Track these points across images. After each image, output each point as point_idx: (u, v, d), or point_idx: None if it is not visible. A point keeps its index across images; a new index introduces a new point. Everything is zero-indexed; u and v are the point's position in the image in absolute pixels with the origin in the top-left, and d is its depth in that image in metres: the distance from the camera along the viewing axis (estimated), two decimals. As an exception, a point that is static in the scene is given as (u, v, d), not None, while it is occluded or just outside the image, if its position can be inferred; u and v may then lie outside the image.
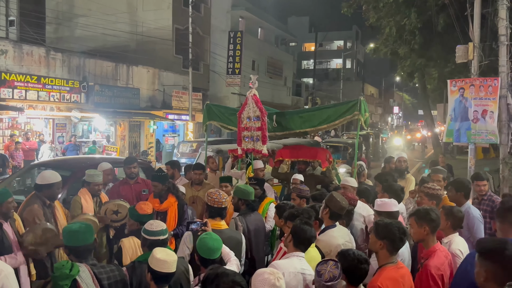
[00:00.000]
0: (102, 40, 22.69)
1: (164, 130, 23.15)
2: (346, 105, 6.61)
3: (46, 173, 4.76)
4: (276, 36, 39.57)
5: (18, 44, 16.09)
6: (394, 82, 68.42)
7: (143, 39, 23.44)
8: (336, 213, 4.06)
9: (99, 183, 5.28)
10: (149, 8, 24.04)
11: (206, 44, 27.01)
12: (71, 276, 2.75)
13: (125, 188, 5.81)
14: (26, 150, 14.22)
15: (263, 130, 6.37)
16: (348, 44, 64.49)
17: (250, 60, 30.28)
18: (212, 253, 3.08)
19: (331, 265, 2.82)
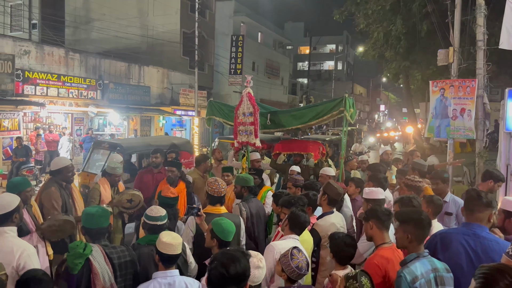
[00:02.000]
0: (116, 42, 22.60)
1: (172, 124, 23.13)
2: (333, 102, 6.65)
3: (56, 159, 4.74)
4: (274, 39, 39.45)
5: (40, 45, 16.01)
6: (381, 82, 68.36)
7: (153, 42, 23.36)
8: (333, 199, 4.11)
9: (118, 174, 5.29)
10: (159, 13, 23.93)
11: (210, 47, 26.93)
12: (84, 255, 2.76)
13: (148, 176, 5.83)
14: (50, 141, 14.23)
15: (255, 125, 6.41)
16: (340, 47, 64.38)
17: (250, 62, 30.23)
18: (229, 234, 3.07)
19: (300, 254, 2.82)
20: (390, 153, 7.67)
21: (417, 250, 2.69)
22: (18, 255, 2.83)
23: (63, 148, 14.48)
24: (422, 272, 2.57)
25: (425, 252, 2.70)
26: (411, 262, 2.62)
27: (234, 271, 1.97)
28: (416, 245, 2.70)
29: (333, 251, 3.21)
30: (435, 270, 2.64)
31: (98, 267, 2.82)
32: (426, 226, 2.74)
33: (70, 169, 4.59)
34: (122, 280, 2.99)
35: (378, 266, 2.90)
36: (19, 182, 3.83)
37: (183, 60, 24.33)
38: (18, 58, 14.16)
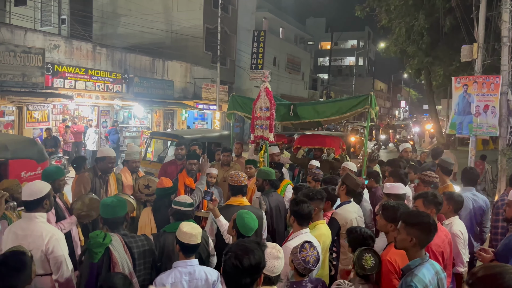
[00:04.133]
0: (141, 37, 22.84)
1: (194, 118, 23.30)
2: (357, 99, 6.56)
3: (104, 148, 4.92)
4: (296, 35, 39.19)
5: (68, 40, 16.32)
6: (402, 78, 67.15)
7: (177, 37, 23.51)
8: (352, 190, 4.09)
9: (136, 160, 5.34)
10: (183, 9, 24.05)
11: (232, 42, 26.94)
12: (104, 244, 2.80)
13: (171, 167, 5.91)
14: (75, 133, 14.56)
15: (271, 120, 6.38)
16: (361, 43, 63.45)
17: (271, 57, 30.12)
18: (251, 231, 3.07)
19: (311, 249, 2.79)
20: (409, 151, 7.53)
21: (419, 254, 2.57)
22: (47, 240, 2.91)
23: (90, 140, 14.78)
24: (429, 278, 2.48)
25: (427, 256, 2.61)
26: (417, 268, 2.51)
27: (247, 262, 1.96)
28: (418, 250, 2.58)
29: (351, 245, 3.18)
30: (437, 273, 2.57)
31: (118, 256, 2.86)
32: (433, 231, 2.59)
33: (112, 160, 4.82)
34: (141, 269, 3.02)
35: (391, 263, 2.87)
36: (54, 171, 3.95)
37: (205, 55, 24.43)
38: (48, 52, 14.47)
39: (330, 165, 7.38)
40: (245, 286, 1.98)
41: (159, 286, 2.69)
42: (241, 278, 1.97)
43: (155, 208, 4.03)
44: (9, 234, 2.98)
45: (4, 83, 12.57)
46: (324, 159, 7.60)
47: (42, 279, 2.94)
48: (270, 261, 2.34)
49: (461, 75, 9.35)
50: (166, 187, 4.16)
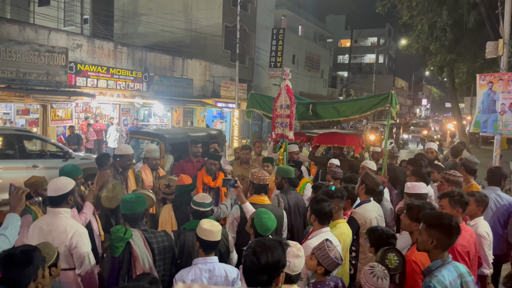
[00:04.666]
0: (161, 36, 23.07)
1: (213, 116, 23.43)
2: (378, 98, 6.46)
3: (122, 146, 5.01)
4: (315, 32, 38.95)
5: (91, 39, 16.61)
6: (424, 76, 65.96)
7: (196, 35, 23.65)
8: (371, 189, 4.04)
9: (156, 157, 5.42)
10: (202, 8, 24.18)
11: (251, 40, 26.94)
12: (125, 239, 2.86)
13: (188, 165, 5.95)
14: (97, 130, 14.84)
15: (291, 117, 6.35)
16: (381, 40, 62.58)
17: (290, 55, 30.00)
18: (268, 231, 3.06)
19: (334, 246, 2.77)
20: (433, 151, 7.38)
21: (440, 256, 2.51)
22: (71, 235, 2.98)
23: (111, 137, 15.03)
24: (451, 280, 2.42)
25: (450, 258, 2.54)
26: (437, 270, 2.46)
27: (265, 260, 1.95)
28: (439, 252, 2.51)
29: (373, 244, 3.13)
30: (461, 276, 2.50)
31: (138, 251, 2.91)
32: (455, 233, 2.50)
33: (130, 157, 4.96)
34: (161, 264, 3.07)
35: (416, 263, 2.82)
36: (71, 170, 4.02)
37: (224, 54, 24.51)
38: (71, 51, 14.76)
39: (349, 163, 7.31)
40: (263, 283, 1.97)
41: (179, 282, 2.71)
42: (258, 275, 1.97)
43: (175, 205, 4.07)
44: (35, 228, 3.06)
45: (29, 82, 12.89)
46: (344, 158, 7.53)
47: (65, 273, 3.00)
48: (290, 259, 2.34)
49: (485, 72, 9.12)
50: (185, 184, 4.19)
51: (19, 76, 12.61)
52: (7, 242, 2.26)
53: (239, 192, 3.77)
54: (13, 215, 2.41)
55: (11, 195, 2.53)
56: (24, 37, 13.27)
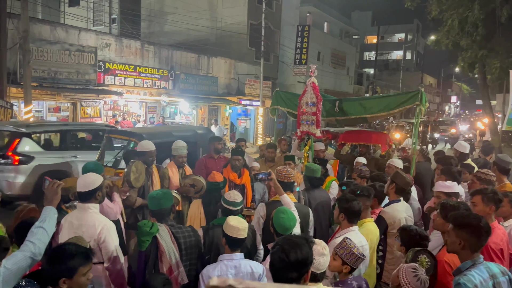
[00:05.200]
0: (187, 34, 23.31)
1: (238, 114, 23.51)
2: (406, 95, 6.31)
3: (144, 142, 5.07)
4: (340, 29, 38.46)
5: (119, 38, 16.94)
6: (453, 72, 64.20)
7: (222, 33, 23.77)
8: (401, 188, 3.96)
9: (183, 155, 5.45)
10: (227, 6, 24.27)
11: (276, 37, 26.86)
12: (151, 233, 2.90)
13: (210, 161, 5.99)
14: (124, 128, 15.14)
15: (317, 115, 6.27)
16: (409, 36, 61.22)
17: (315, 52, 29.74)
18: (287, 231, 3.04)
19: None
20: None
21: (471, 257, 2.43)
22: (99, 230, 3.05)
23: (138, 134, 15.29)
24: (481, 280, 2.34)
25: (481, 258, 2.45)
26: (467, 270, 2.38)
27: (294, 257, 1.96)
28: (468, 253, 2.43)
29: (404, 243, 3.06)
30: (493, 276, 2.40)
31: (165, 245, 2.95)
32: (484, 235, 2.41)
33: (152, 154, 5.00)
34: (187, 259, 3.10)
35: (449, 264, 2.74)
36: (93, 168, 4.10)
37: (249, 51, 24.54)
38: (100, 51, 15.10)
39: (376, 162, 7.19)
40: (292, 281, 1.97)
41: (206, 278, 2.73)
42: (288, 272, 1.96)
43: (205, 201, 4.09)
44: (65, 223, 3.14)
45: (60, 81, 13.27)
46: (370, 156, 7.41)
47: (94, 267, 3.04)
48: (315, 257, 2.32)
49: (520, 68, 8.78)
50: (216, 181, 4.21)
51: (51, 75, 13.00)
52: (46, 234, 2.34)
53: (275, 184, 3.74)
54: (49, 208, 2.48)
55: (46, 189, 2.60)
56: (55, 37, 13.65)
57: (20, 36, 11.12)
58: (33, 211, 3.33)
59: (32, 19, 12.74)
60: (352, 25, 42.41)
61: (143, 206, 4.83)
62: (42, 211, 2.47)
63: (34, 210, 3.34)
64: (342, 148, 8.33)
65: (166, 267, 2.93)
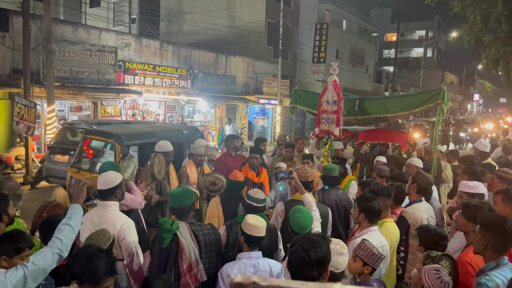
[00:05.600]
0: (204, 34, 23.44)
1: (256, 112, 23.52)
2: (428, 94, 6.17)
3: (162, 142, 5.14)
4: (359, 27, 38.04)
5: (138, 38, 17.15)
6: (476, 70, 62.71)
7: (239, 32, 23.81)
8: (423, 188, 3.89)
9: (201, 154, 5.52)
10: (245, 4, 24.30)
11: (294, 36, 26.76)
12: (171, 230, 2.92)
13: (229, 159, 6.02)
14: (144, 127, 15.33)
15: (338, 114, 6.20)
16: (430, 33, 60.08)
17: (334, 50, 29.50)
18: (303, 230, 3.03)
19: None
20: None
21: (494, 258, 2.39)
22: (119, 227, 3.09)
23: (157, 133, 15.45)
24: (504, 280, 2.30)
25: (505, 260, 2.40)
26: (490, 271, 2.35)
27: (315, 255, 1.97)
28: (492, 254, 2.38)
29: (423, 243, 3.01)
30: None
31: (185, 243, 2.97)
32: (508, 237, 2.35)
33: (170, 154, 5.11)
34: (206, 257, 3.10)
35: (471, 265, 2.68)
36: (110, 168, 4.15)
37: (267, 50, 24.51)
38: (120, 50, 15.31)
39: (396, 161, 7.07)
40: (313, 279, 1.97)
41: (225, 276, 2.73)
42: (309, 270, 1.97)
43: (225, 199, 4.10)
44: (86, 220, 3.19)
45: (81, 80, 13.51)
46: (390, 155, 7.29)
47: (114, 263, 3.11)
48: (334, 257, 2.30)
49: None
50: (238, 180, 4.21)
51: (72, 74, 13.25)
52: (72, 231, 2.39)
53: (297, 182, 3.73)
54: (76, 206, 2.54)
55: (73, 187, 2.66)
56: (76, 37, 13.91)
57: (43, 37, 11.36)
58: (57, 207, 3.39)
59: (54, 20, 13.00)
60: (371, 22, 41.88)
61: (161, 203, 4.88)
62: (69, 208, 2.53)
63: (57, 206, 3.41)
64: (361, 147, 8.23)
65: (186, 264, 2.94)
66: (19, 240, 2.47)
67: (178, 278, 2.93)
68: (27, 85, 11.22)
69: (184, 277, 2.92)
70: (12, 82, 11.95)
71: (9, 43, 12.10)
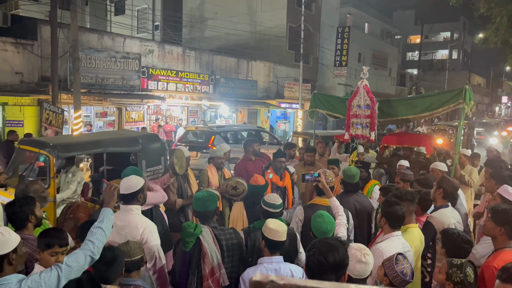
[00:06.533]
0: (226, 39, 23.59)
1: (277, 117, 23.49)
2: (450, 93, 6.00)
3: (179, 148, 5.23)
4: (382, 29, 37.56)
5: (161, 44, 17.42)
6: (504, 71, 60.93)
7: (261, 37, 23.88)
8: (450, 193, 3.78)
9: (220, 156, 5.60)
10: (267, 9, 24.36)
11: (315, 39, 26.64)
12: (194, 234, 2.93)
13: (249, 164, 6.02)
14: (168, 131, 15.52)
15: (373, 118, 6.13)
16: (455, 35, 58.76)
17: (356, 53, 29.21)
18: (325, 235, 2.99)
19: (406, 261, 2.56)
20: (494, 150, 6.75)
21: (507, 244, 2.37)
22: (141, 230, 3.11)
23: (180, 138, 15.63)
24: None
25: None
26: None
27: (332, 259, 1.98)
28: None
29: (446, 247, 2.92)
30: None
31: (207, 247, 2.96)
32: None
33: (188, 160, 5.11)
34: (229, 261, 3.09)
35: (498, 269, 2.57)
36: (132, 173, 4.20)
37: (288, 54, 24.48)
38: (144, 57, 15.59)
39: (420, 165, 6.92)
40: None
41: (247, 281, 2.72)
42: (327, 274, 1.97)
43: (247, 204, 4.10)
44: (110, 223, 3.23)
45: (107, 87, 13.81)
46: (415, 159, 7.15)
47: (138, 266, 3.14)
48: (352, 262, 2.25)
49: None
50: (259, 185, 4.20)
51: (98, 81, 13.56)
52: (104, 234, 2.47)
53: (324, 185, 3.68)
54: (107, 210, 2.61)
55: (104, 191, 2.74)
56: (102, 45, 14.24)
57: (70, 45, 11.68)
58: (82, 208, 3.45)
59: (81, 29, 13.35)
60: (393, 24, 41.31)
61: (184, 207, 4.92)
62: (100, 212, 2.61)
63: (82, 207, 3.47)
64: (384, 151, 8.11)
65: (208, 269, 2.94)
66: (51, 236, 2.58)
67: (201, 282, 2.93)
68: (55, 92, 11.55)
69: (207, 281, 2.92)
70: (41, 89, 12.33)
71: (37, 51, 12.49)
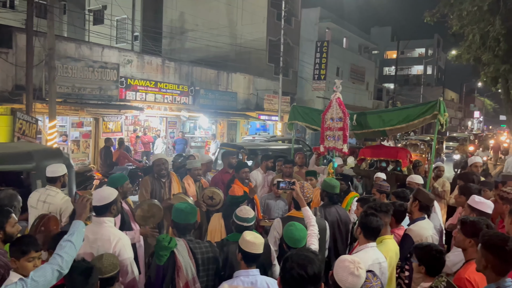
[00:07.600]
0: (206, 51, 23.62)
1: (257, 129, 23.54)
2: (425, 106, 6.13)
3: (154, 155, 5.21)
4: (360, 44, 38.37)
5: (140, 55, 17.28)
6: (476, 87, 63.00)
7: (241, 50, 24.02)
8: (425, 205, 3.83)
9: (198, 168, 5.59)
10: (247, 22, 24.56)
11: (295, 53, 26.98)
12: (169, 248, 2.86)
13: (226, 176, 5.98)
14: (145, 142, 15.32)
15: (345, 130, 6.20)
16: (430, 51, 60.60)
17: (334, 67, 29.71)
18: (297, 242, 2.98)
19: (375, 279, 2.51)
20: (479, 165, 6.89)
21: (495, 280, 2.31)
22: (114, 243, 3.03)
23: (158, 149, 15.46)
24: None
25: (507, 282, 2.30)
26: None
27: (311, 271, 1.95)
28: (493, 276, 2.30)
29: (421, 260, 2.95)
30: None
31: (182, 261, 2.90)
32: (510, 259, 2.27)
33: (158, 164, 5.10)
34: (204, 275, 3.03)
35: (470, 282, 2.61)
36: (118, 178, 4.16)
37: (268, 67, 24.69)
38: (122, 67, 15.41)
39: (396, 177, 7.02)
40: None
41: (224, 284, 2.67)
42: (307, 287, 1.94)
43: (226, 215, 4.04)
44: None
45: (83, 96, 13.57)
46: (391, 172, 7.25)
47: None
48: (344, 274, 2.20)
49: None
50: (237, 195, 4.17)
51: (75, 90, 13.31)
52: (74, 248, 2.39)
53: (298, 194, 3.64)
54: (78, 222, 2.54)
55: (76, 203, 2.66)
56: (79, 54, 14.02)
57: (46, 53, 11.45)
58: (53, 220, 3.35)
59: (57, 37, 13.12)
60: (371, 40, 42.31)
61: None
62: (71, 225, 2.53)
63: (53, 219, 3.36)
64: (361, 163, 8.20)
65: (182, 283, 2.87)
66: (24, 243, 2.53)
67: (175, 296, 2.86)
68: (29, 101, 11.26)
69: (181, 295, 2.85)
70: (14, 98, 12.00)
71: (12, 59, 12.19)
